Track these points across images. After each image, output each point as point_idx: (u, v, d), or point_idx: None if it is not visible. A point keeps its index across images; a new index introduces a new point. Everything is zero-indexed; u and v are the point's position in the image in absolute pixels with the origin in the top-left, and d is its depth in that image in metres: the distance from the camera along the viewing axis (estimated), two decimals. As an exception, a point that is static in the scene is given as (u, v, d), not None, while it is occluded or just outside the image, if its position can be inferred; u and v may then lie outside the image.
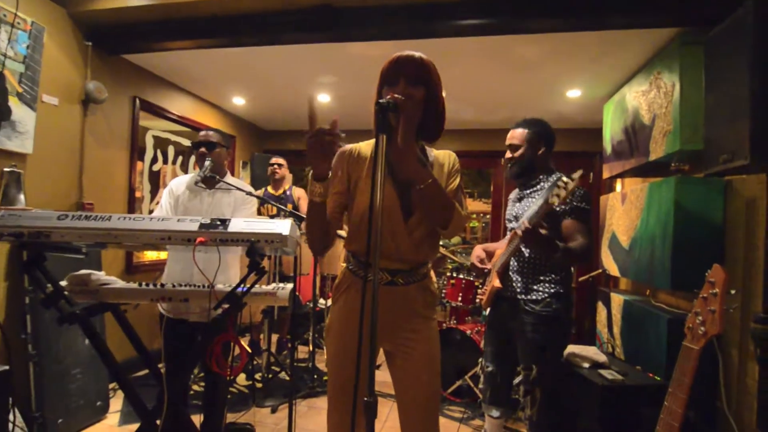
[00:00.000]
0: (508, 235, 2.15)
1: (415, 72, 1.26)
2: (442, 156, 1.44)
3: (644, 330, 2.43)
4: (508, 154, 2.13)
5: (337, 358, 1.40)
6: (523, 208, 2.12)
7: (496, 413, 2.18)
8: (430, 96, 1.28)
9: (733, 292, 1.33)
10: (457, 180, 1.41)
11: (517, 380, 2.08)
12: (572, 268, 2.23)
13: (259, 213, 3.79)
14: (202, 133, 2.29)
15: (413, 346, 1.38)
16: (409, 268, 1.37)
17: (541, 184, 2.08)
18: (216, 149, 2.22)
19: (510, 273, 2.08)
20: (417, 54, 1.28)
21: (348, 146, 1.45)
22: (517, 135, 2.10)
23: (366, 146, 1.43)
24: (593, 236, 1.99)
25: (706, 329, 1.33)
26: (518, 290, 2.04)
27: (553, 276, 2.00)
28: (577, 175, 1.68)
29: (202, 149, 2.20)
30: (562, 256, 1.84)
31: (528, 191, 2.13)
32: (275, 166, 3.91)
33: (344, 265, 1.47)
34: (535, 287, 2.00)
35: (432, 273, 1.49)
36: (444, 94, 1.35)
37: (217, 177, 2.17)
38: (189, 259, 2.10)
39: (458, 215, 1.31)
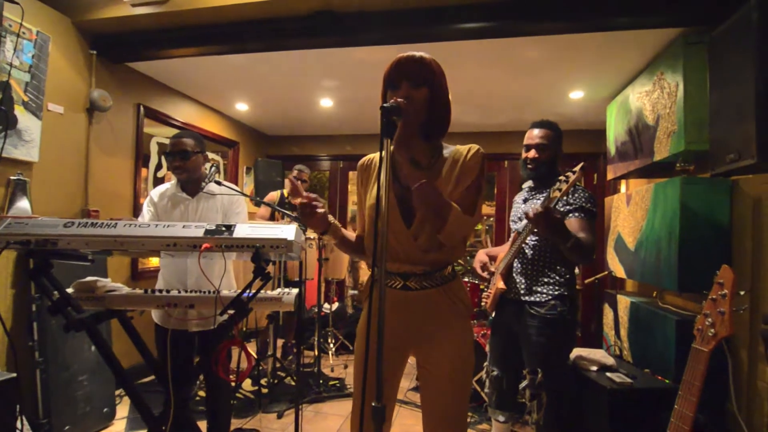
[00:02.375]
0: (512, 236, 2.14)
1: (417, 72, 1.25)
2: (459, 152, 1.33)
3: (652, 332, 2.41)
4: (532, 154, 2.05)
5: (357, 362, 1.40)
6: (527, 209, 2.11)
7: (502, 418, 2.17)
8: (434, 95, 1.27)
9: (742, 293, 1.32)
10: (470, 178, 1.29)
11: (523, 384, 2.07)
12: (576, 270, 2.21)
13: (273, 219, 3.75)
14: (174, 140, 2.10)
15: (439, 355, 1.32)
16: (421, 272, 1.31)
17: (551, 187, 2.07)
18: (192, 158, 2.08)
19: (513, 274, 2.07)
20: (418, 54, 1.26)
21: (366, 157, 1.46)
22: (543, 135, 2.04)
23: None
24: (597, 237, 1.97)
25: (715, 331, 1.32)
26: (522, 291, 2.02)
27: (557, 278, 1.98)
28: (578, 167, 1.67)
29: (177, 162, 2.07)
30: (573, 244, 1.76)
31: (536, 192, 2.12)
32: (301, 180, 3.74)
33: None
34: (538, 289, 1.99)
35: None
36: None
37: (220, 182, 2.16)
38: (180, 266, 2.11)
39: (456, 219, 1.21)
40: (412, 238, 1.29)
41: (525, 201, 2.16)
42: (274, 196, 3.88)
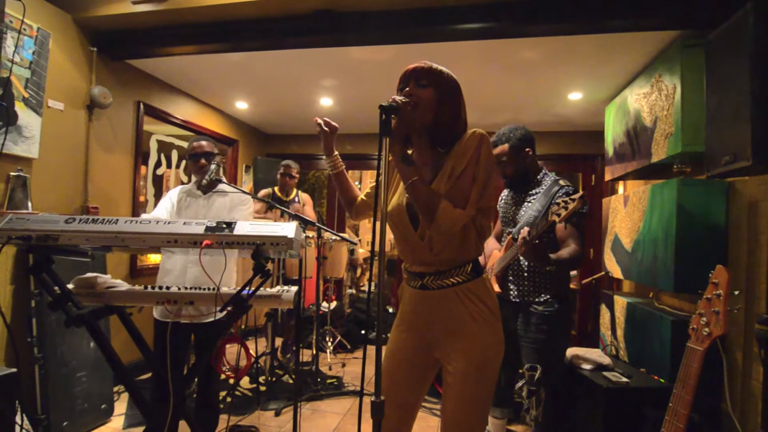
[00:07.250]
0: (505, 239, 2.16)
1: (425, 74, 1.28)
2: (464, 140, 1.28)
3: (648, 332, 2.43)
4: (500, 169, 2.15)
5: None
6: (522, 213, 2.15)
7: (499, 414, 2.21)
8: (441, 98, 1.28)
9: (736, 293, 1.34)
10: (462, 164, 1.23)
11: (520, 383, 2.09)
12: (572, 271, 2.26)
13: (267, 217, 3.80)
14: (196, 143, 2.28)
15: (456, 357, 1.27)
16: (435, 271, 1.30)
17: (538, 188, 2.11)
18: (215, 158, 2.27)
19: (510, 276, 2.11)
20: (427, 63, 1.31)
21: None
22: (500, 152, 2.11)
23: None
24: (585, 241, 2.05)
25: (710, 330, 1.33)
26: (519, 293, 2.08)
27: (551, 279, 2.05)
28: (577, 196, 1.72)
29: (202, 161, 2.24)
30: (554, 267, 1.93)
31: (524, 194, 2.15)
32: (289, 176, 3.89)
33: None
34: (535, 290, 2.05)
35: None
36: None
37: (221, 180, 2.20)
38: (179, 263, 2.14)
39: (444, 213, 1.19)
40: (419, 239, 1.30)
41: (518, 203, 2.18)
42: (265, 193, 3.97)
